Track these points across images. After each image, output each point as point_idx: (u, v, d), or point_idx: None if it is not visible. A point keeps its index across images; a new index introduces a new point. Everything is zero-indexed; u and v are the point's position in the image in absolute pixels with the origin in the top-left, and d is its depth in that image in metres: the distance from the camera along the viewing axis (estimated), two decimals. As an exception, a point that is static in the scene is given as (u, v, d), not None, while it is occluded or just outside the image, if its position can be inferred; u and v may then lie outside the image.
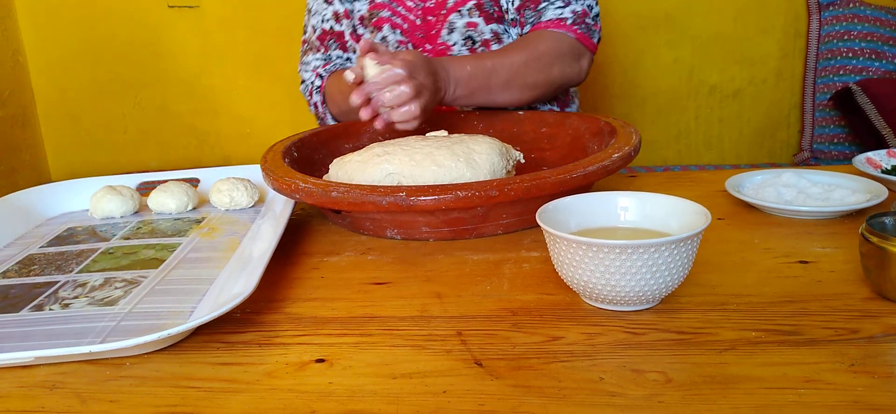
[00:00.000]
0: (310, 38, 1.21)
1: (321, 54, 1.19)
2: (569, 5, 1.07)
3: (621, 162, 0.77)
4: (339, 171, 0.82)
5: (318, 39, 1.19)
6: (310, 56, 1.20)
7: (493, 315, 0.57)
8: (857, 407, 0.43)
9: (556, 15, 1.07)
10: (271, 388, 0.48)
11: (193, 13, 2.01)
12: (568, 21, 1.06)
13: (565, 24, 1.06)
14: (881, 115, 1.69)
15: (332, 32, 1.18)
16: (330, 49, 1.19)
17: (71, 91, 2.07)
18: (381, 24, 1.13)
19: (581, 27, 1.07)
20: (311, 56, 1.20)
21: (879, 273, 0.55)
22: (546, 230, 0.56)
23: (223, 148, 2.12)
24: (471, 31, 1.10)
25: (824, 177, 0.82)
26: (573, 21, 1.06)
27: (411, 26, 1.13)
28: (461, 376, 0.48)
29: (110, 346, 0.51)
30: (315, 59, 1.19)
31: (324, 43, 1.19)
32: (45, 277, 0.68)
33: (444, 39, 1.11)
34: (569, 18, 1.06)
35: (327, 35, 1.19)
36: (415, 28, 1.13)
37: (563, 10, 1.07)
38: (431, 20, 1.12)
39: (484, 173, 0.77)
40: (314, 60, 1.19)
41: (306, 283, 0.66)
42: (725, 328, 0.53)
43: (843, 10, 1.88)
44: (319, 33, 1.19)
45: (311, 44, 1.21)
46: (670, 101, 2.05)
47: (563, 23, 1.06)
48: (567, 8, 1.07)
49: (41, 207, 0.90)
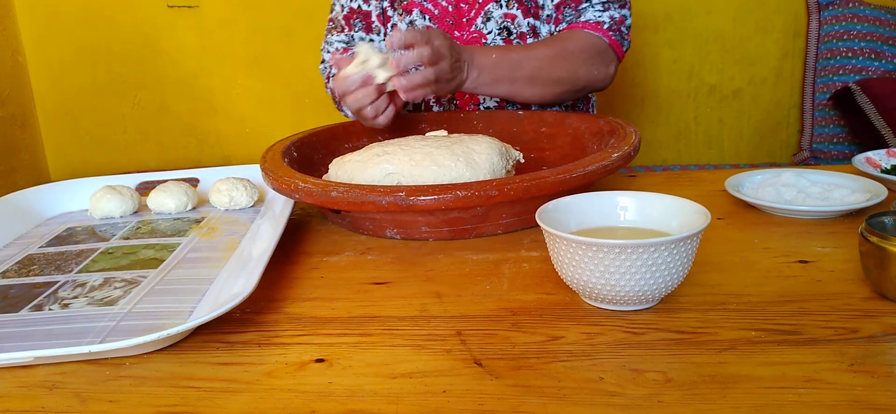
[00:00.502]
0: (336, 17, 1.20)
1: (344, 34, 1.18)
2: (607, 10, 1.08)
3: (621, 162, 0.77)
4: (338, 171, 0.82)
5: (344, 19, 1.18)
6: (333, 35, 1.19)
7: (493, 315, 0.57)
8: (857, 406, 0.43)
9: (594, 17, 1.08)
10: (271, 388, 0.48)
11: (192, 13, 2.01)
12: (604, 25, 1.08)
13: (601, 28, 1.07)
14: (881, 115, 1.69)
15: (359, 11, 1.17)
16: (354, 29, 1.18)
17: (70, 91, 2.07)
18: (411, 8, 1.13)
19: (615, 34, 1.08)
20: (334, 36, 1.19)
21: (879, 273, 0.55)
22: (546, 230, 0.56)
23: (222, 148, 2.12)
24: (508, 22, 1.11)
25: (824, 176, 0.82)
26: (609, 26, 1.08)
27: (442, 11, 1.13)
28: (461, 376, 0.48)
29: (110, 346, 0.51)
30: (338, 39, 1.18)
31: (349, 22, 1.18)
32: (44, 277, 0.68)
33: (478, 28, 1.11)
34: (606, 23, 1.08)
35: (354, 14, 1.18)
36: (446, 14, 1.13)
37: (601, 14, 1.08)
38: (464, 7, 1.12)
39: (483, 173, 0.77)
40: (336, 41, 1.19)
41: (306, 282, 0.66)
42: (725, 328, 0.53)
43: (842, 10, 1.88)
44: (347, 12, 1.18)
45: (336, 23, 1.20)
46: (670, 100, 2.05)
47: (600, 26, 1.07)
48: (606, 12, 1.08)
49: (40, 207, 0.90)
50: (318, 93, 1.99)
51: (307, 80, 2.00)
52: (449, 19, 1.13)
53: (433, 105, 1.18)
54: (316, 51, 1.94)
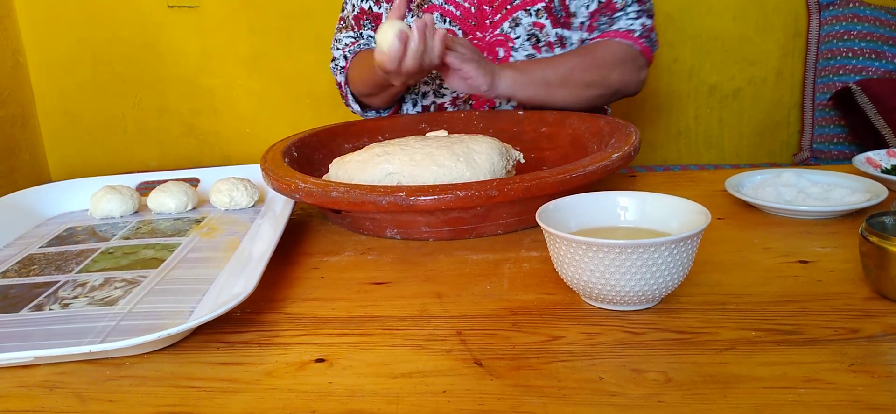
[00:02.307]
0: (347, 16, 1.22)
1: (354, 32, 1.20)
2: (639, 19, 1.11)
3: (621, 162, 0.77)
4: (338, 171, 0.82)
5: (354, 19, 1.20)
6: (343, 34, 1.22)
7: (493, 315, 0.57)
8: (857, 406, 0.43)
9: (626, 26, 1.11)
10: (271, 388, 0.48)
11: (193, 13, 2.01)
12: (636, 33, 1.10)
13: (632, 36, 1.10)
14: (881, 115, 1.69)
15: (369, 13, 1.19)
16: (364, 28, 1.20)
17: (71, 91, 2.07)
18: (432, 10, 1.14)
19: (646, 40, 1.11)
20: (344, 34, 1.21)
21: (879, 273, 0.55)
22: (546, 230, 0.56)
23: (223, 148, 2.12)
24: (536, 30, 1.12)
25: (824, 177, 0.82)
26: (640, 33, 1.11)
27: (464, 12, 1.13)
28: (461, 376, 0.48)
29: (110, 346, 0.51)
30: (347, 36, 1.20)
31: (358, 22, 1.20)
32: (44, 276, 0.68)
33: (504, 31, 1.12)
34: (637, 31, 1.10)
35: (364, 15, 1.19)
36: (468, 15, 1.13)
37: (633, 23, 1.11)
38: (487, 10, 1.13)
39: (484, 173, 0.77)
40: (346, 38, 1.20)
41: (306, 283, 0.66)
42: (725, 328, 0.53)
43: (842, 10, 1.88)
44: (357, 12, 1.20)
45: (347, 21, 1.22)
46: (670, 100, 2.05)
47: (631, 34, 1.10)
48: (637, 21, 1.11)
49: (41, 207, 0.90)
50: (319, 93, 1.99)
51: (307, 81, 2.00)
52: (471, 20, 1.13)
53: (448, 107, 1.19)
54: (316, 51, 1.95)
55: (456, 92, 1.14)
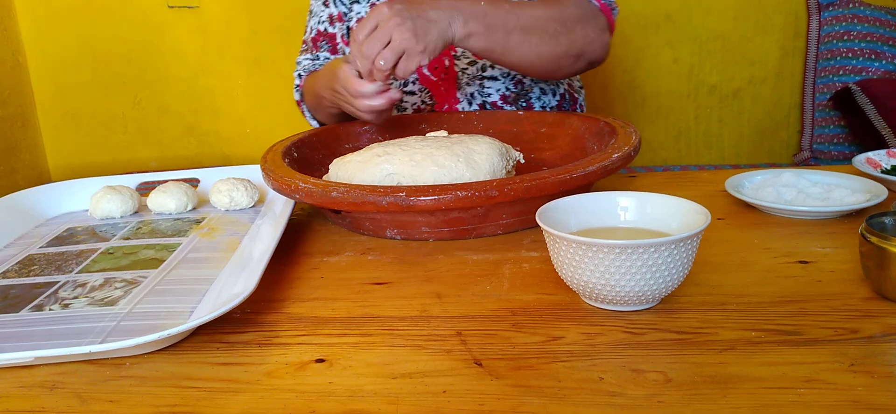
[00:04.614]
0: (307, 39, 1.23)
1: (311, 54, 1.21)
2: None
3: (621, 162, 0.77)
4: (338, 172, 0.82)
5: (312, 41, 1.21)
6: (303, 56, 1.22)
7: (493, 315, 0.57)
8: (857, 407, 0.43)
9: None
10: (271, 388, 0.48)
11: (193, 13, 2.01)
12: None
13: None
14: (881, 116, 1.69)
15: (325, 34, 1.20)
16: (320, 50, 1.20)
17: (71, 91, 2.07)
18: None
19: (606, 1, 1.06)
20: (303, 56, 1.22)
21: (879, 273, 0.55)
22: (546, 230, 0.56)
23: (223, 148, 2.12)
24: None
25: (824, 177, 0.82)
26: None
27: None
28: (461, 376, 0.48)
29: (110, 346, 0.51)
30: (305, 59, 1.21)
31: (316, 44, 1.20)
32: (44, 277, 0.68)
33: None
34: None
35: (321, 36, 1.20)
36: None
37: None
38: None
39: (484, 173, 0.77)
40: (304, 61, 1.21)
41: (306, 283, 0.66)
42: (725, 328, 0.53)
43: (842, 11, 1.88)
44: (314, 35, 1.21)
45: (307, 45, 1.22)
46: (670, 101, 2.05)
47: None
48: None
49: (41, 207, 0.90)
50: (319, 93, 1.99)
51: (307, 81, 2.00)
52: None
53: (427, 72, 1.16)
54: (316, 51, 1.94)
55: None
